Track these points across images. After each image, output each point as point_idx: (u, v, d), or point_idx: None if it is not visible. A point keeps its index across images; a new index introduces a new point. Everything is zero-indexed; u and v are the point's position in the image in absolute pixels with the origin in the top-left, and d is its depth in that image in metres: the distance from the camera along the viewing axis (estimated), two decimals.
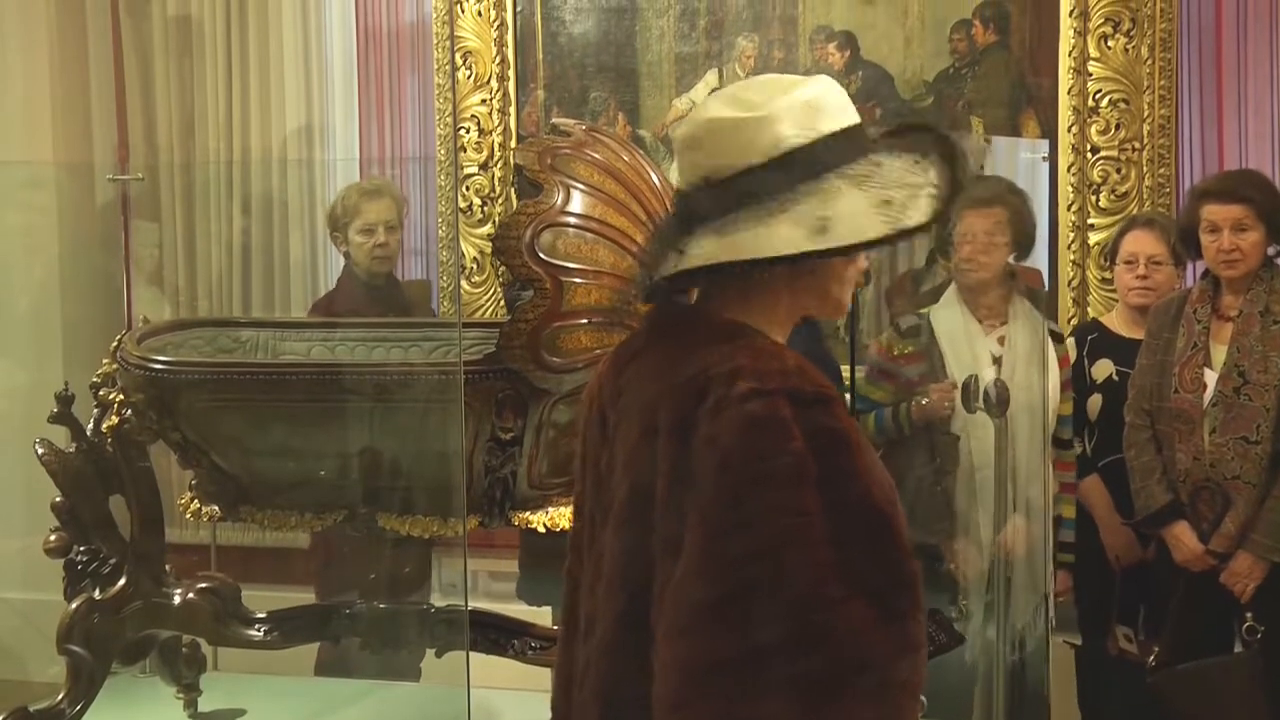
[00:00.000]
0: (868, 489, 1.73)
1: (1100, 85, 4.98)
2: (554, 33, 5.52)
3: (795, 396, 1.74)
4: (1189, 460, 3.98)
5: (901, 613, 1.71)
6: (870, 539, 1.71)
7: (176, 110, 5.90)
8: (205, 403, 3.30)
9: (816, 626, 1.67)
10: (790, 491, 1.70)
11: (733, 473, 1.72)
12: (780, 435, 1.71)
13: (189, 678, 3.74)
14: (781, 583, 1.68)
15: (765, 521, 1.69)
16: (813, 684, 1.67)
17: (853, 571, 1.68)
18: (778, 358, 1.80)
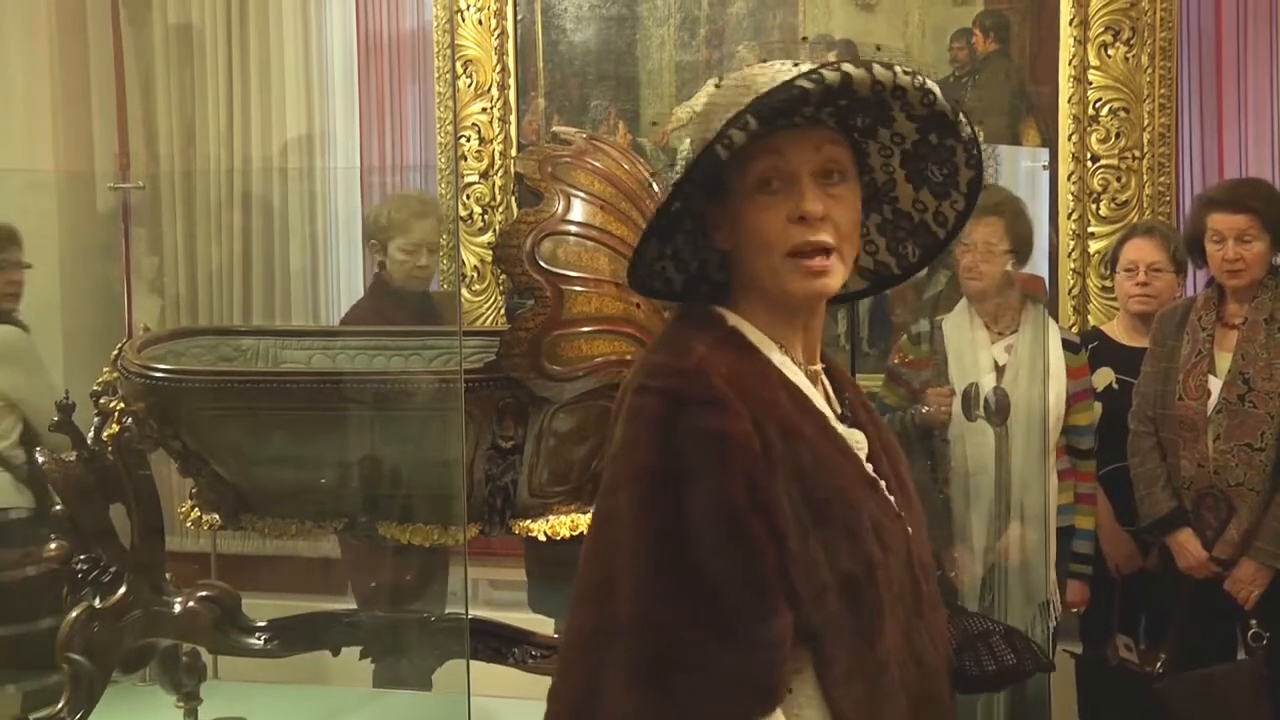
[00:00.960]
0: (726, 492, 1.73)
1: (1100, 94, 4.98)
2: (554, 41, 5.52)
3: (676, 396, 1.76)
4: (1193, 467, 3.98)
5: (745, 613, 1.72)
6: (722, 541, 1.72)
7: (177, 118, 5.91)
8: (206, 411, 3.30)
9: (651, 616, 1.71)
10: (647, 485, 1.75)
11: (613, 465, 1.80)
12: (645, 428, 1.77)
13: (189, 686, 3.74)
14: (629, 572, 1.73)
15: (625, 512, 1.76)
16: (640, 669, 1.71)
17: (698, 569, 1.72)
18: (683, 355, 1.81)
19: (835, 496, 1.80)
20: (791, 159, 1.79)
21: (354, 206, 5.86)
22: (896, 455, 2.00)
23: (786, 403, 1.82)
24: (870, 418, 1.99)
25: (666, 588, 1.72)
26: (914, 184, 1.88)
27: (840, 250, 1.81)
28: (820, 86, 1.71)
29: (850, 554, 1.79)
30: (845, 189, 1.82)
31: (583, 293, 2.93)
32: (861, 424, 1.95)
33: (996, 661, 2.04)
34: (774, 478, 1.75)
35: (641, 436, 1.77)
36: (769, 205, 1.80)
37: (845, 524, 1.80)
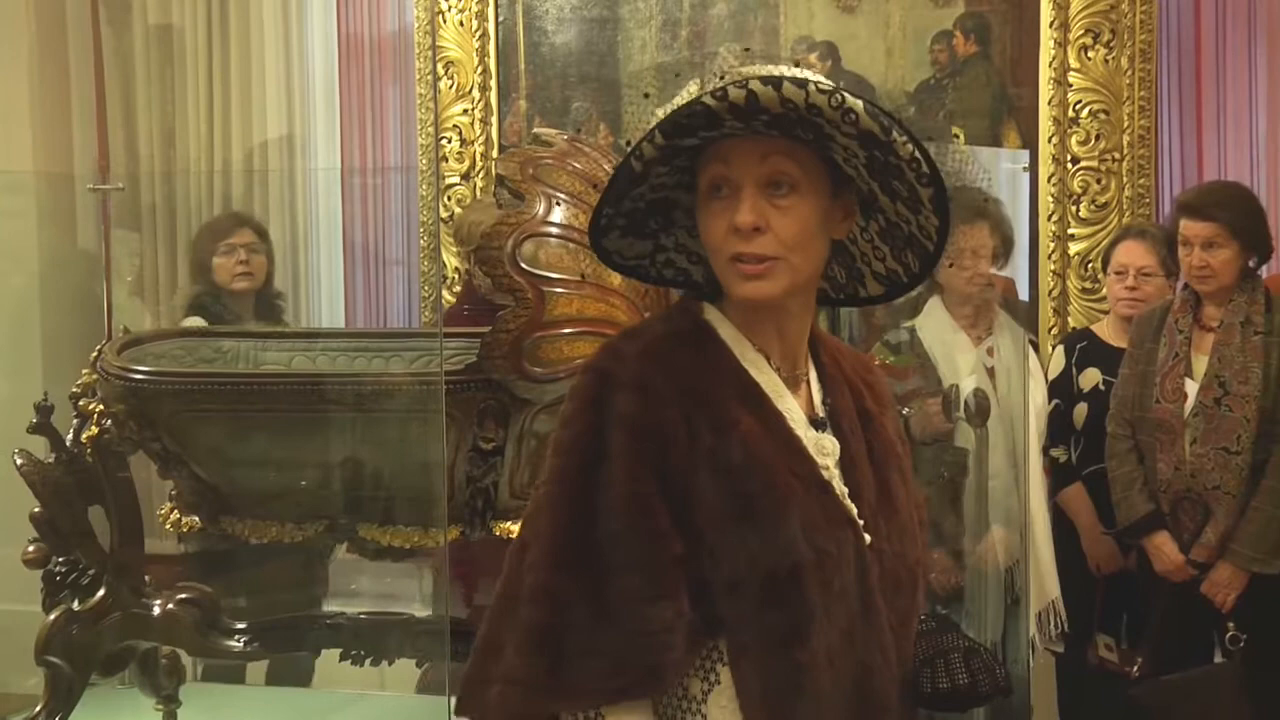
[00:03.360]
0: (634, 477, 1.78)
1: (1080, 96, 5.00)
2: (536, 43, 5.52)
3: (609, 378, 1.82)
4: (1170, 470, 3.99)
5: (631, 597, 1.77)
6: (623, 523, 1.78)
7: (157, 120, 5.90)
8: (186, 413, 3.29)
9: (544, 586, 1.79)
10: (563, 459, 1.83)
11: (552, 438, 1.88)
12: (577, 408, 1.84)
13: (168, 689, 3.72)
14: (535, 541, 1.82)
15: (544, 482, 1.85)
16: (529, 635, 1.79)
17: (595, 547, 1.78)
18: (633, 340, 1.88)
19: (762, 494, 1.80)
20: (735, 168, 1.80)
21: (334, 208, 5.86)
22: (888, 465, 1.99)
23: (732, 399, 1.84)
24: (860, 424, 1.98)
25: (564, 560, 1.79)
26: (889, 196, 1.85)
27: (787, 259, 1.80)
28: (724, 105, 1.71)
29: (772, 552, 1.79)
30: (794, 199, 1.80)
31: (564, 294, 2.93)
32: (843, 430, 1.94)
33: (950, 680, 2.02)
34: (695, 469, 1.79)
35: (572, 414, 1.84)
36: (716, 212, 1.82)
37: (770, 522, 1.80)
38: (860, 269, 1.96)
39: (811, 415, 1.92)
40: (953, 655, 2.04)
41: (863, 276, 1.96)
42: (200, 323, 4.43)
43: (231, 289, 4.57)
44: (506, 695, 1.80)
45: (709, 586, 1.79)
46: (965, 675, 2.03)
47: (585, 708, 1.79)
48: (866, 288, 1.97)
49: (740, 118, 1.73)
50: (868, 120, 1.72)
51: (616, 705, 1.78)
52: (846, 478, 1.91)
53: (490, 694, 1.82)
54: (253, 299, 4.61)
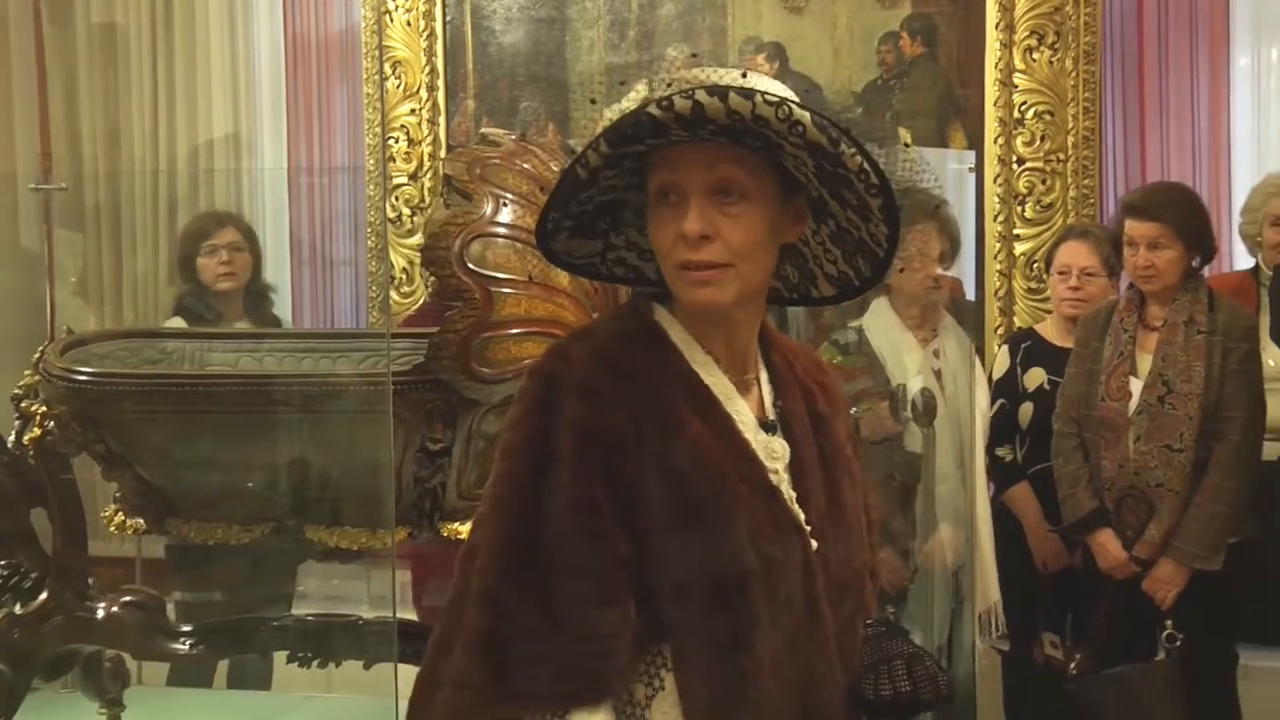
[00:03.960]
0: (582, 480, 1.77)
1: (1026, 97, 5.03)
2: (484, 43, 5.51)
3: (556, 381, 1.80)
4: (1114, 468, 4.02)
5: (575, 599, 1.76)
6: (570, 528, 1.77)
7: (101, 119, 5.85)
8: (131, 414, 3.26)
9: (492, 591, 1.78)
10: (509, 463, 1.82)
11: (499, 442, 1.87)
12: (524, 410, 1.82)
13: (112, 693, 3.69)
14: (484, 545, 1.81)
15: (491, 486, 1.84)
16: (476, 640, 1.78)
17: (542, 552, 1.77)
18: (581, 342, 1.87)
19: (709, 498, 1.80)
20: (684, 175, 1.78)
21: (281, 208, 5.83)
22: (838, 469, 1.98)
23: (681, 401, 1.83)
24: (811, 427, 1.97)
25: (512, 566, 1.78)
26: (839, 203, 1.84)
27: (736, 267, 1.80)
28: (669, 115, 1.70)
29: (718, 557, 1.79)
30: (744, 207, 1.79)
31: (511, 295, 2.92)
32: (794, 434, 1.94)
33: (893, 687, 2.00)
34: (642, 473, 1.78)
35: (520, 417, 1.83)
36: (665, 219, 1.80)
37: (716, 527, 1.80)
38: (812, 270, 1.96)
39: (762, 418, 1.92)
40: (896, 662, 2.02)
41: (815, 277, 1.96)
42: (182, 324, 4.41)
43: (216, 289, 4.56)
44: (453, 700, 1.79)
45: (655, 591, 1.78)
46: (907, 682, 2.01)
47: (532, 714, 1.77)
48: (819, 288, 1.97)
49: (686, 127, 1.72)
50: (815, 133, 1.72)
51: (567, 713, 1.76)
52: (796, 482, 1.91)
53: (438, 698, 1.82)
54: (240, 297, 4.62)
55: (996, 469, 4.43)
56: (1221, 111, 5.17)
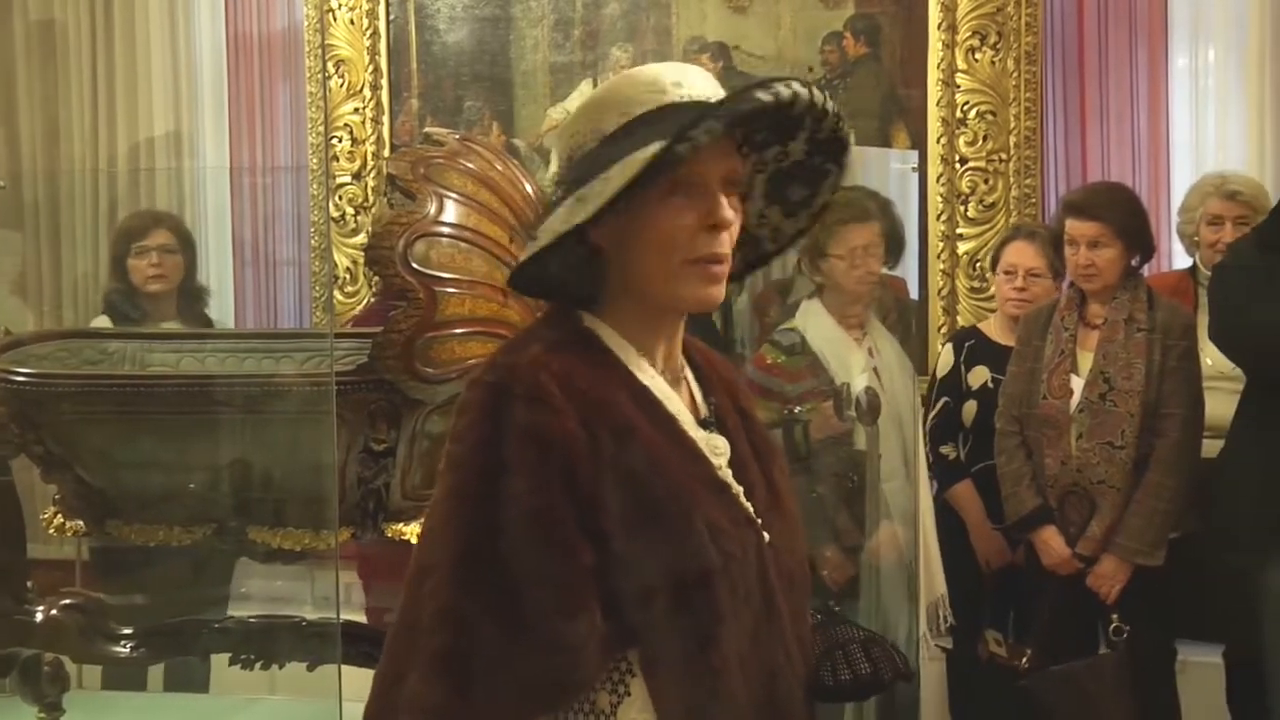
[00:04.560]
0: (540, 489, 1.73)
1: (968, 97, 5.07)
2: (428, 41, 5.50)
3: (503, 389, 1.77)
4: (1057, 465, 4.06)
5: (542, 609, 1.73)
6: (530, 537, 1.73)
7: (40, 117, 5.79)
8: (70, 415, 3.23)
9: (450, 609, 1.73)
10: (460, 476, 1.77)
11: (444, 457, 1.81)
12: (471, 421, 1.77)
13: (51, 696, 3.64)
14: (437, 562, 1.75)
15: (442, 502, 1.79)
16: (438, 663, 1.72)
17: (503, 564, 1.73)
18: (519, 351, 1.82)
19: (668, 499, 1.79)
20: (707, 166, 1.77)
21: (223, 207, 5.79)
22: (771, 462, 2.00)
23: (627, 404, 1.82)
24: (740, 423, 1.98)
25: (471, 580, 1.73)
26: (767, 200, 1.90)
27: (729, 259, 1.83)
28: (775, 101, 1.73)
29: (681, 557, 1.78)
30: (738, 202, 1.83)
31: (455, 294, 2.91)
32: (729, 429, 1.95)
33: (852, 671, 2.02)
34: (600, 478, 1.75)
35: (466, 429, 1.78)
36: (682, 208, 1.78)
37: (677, 527, 1.79)
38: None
39: (698, 416, 1.92)
40: (852, 646, 2.05)
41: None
42: (108, 323, 4.36)
43: (146, 290, 4.52)
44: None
45: (620, 597, 1.76)
46: (867, 664, 2.04)
47: None
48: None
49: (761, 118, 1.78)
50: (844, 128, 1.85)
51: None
52: (739, 476, 1.91)
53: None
54: (173, 298, 4.56)
55: (940, 467, 4.46)
56: (1160, 112, 5.22)
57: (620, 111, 1.81)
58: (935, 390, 4.53)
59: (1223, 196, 4.43)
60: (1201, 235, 4.48)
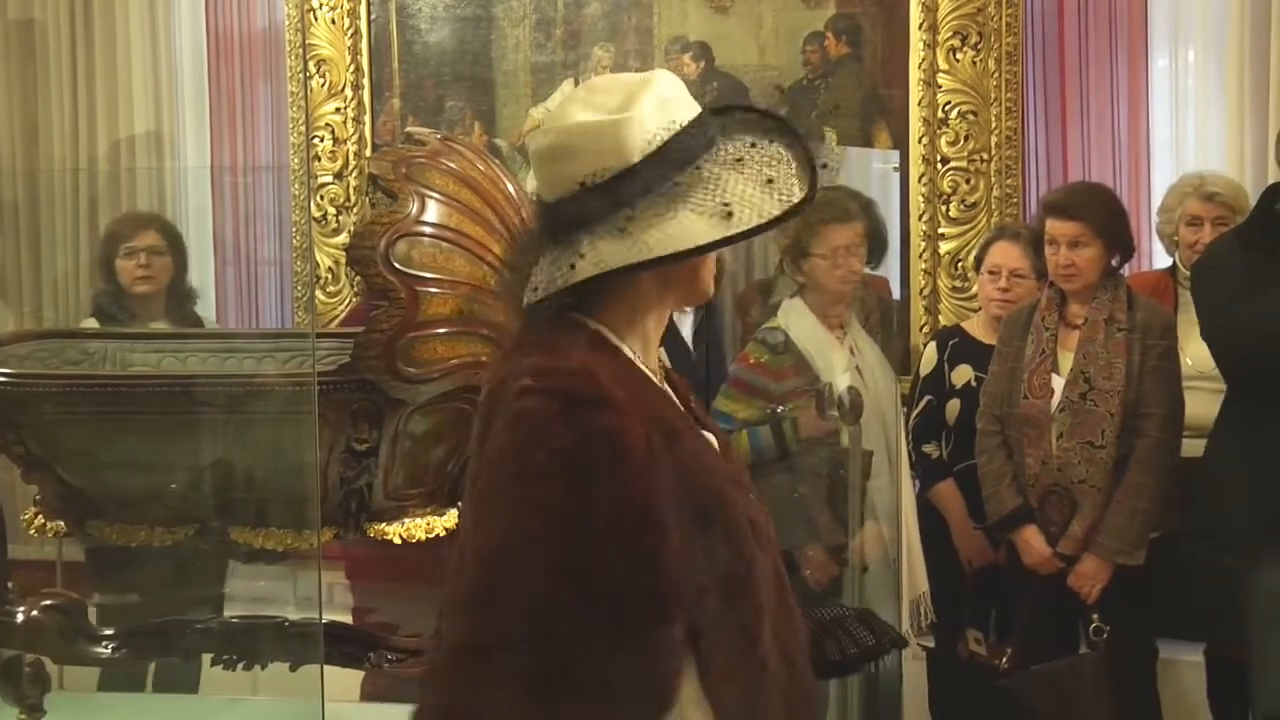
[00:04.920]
0: (629, 494, 1.73)
1: (949, 97, 5.08)
2: (409, 41, 5.49)
3: (568, 396, 1.75)
4: (1038, 465, 4.06)
5: (641, 620, 1.73)
6: (620, 543, 1.72)
7: (19, 116, 5.77)
8: (51, 416, 3.22)
9: (543, 626, 1.69)
10: (537, 487, 1.72)
11: (494, 469, 1.76)
12: (541, 432, 1.74)
13: (33, 698, 3.63)
14: (517, 579, 1.71)
15: (513, 517, 1.73)
16: (532, 683, 1.68)
17: (591, 573, 1.70)
18: (565, 356, 1.80)
19: (715, 498, 1.81)
20: None
21: (204, 207, 5.77)
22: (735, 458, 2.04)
23: (665, 407, 1.84)
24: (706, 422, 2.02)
25: (562, 595, 1.69)
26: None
27: None
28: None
29: (730, 554, 1.80)
30: None
31: (438, 294, 2.91)
32: (709, 428, 1.98)
33: (857, 644, 2.09)
34: (663, 480, 1.76)
35: (532, 438, 1.74)
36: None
37: (725, 525, 1.81)
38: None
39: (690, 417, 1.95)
40: (849, 623, 2.11)
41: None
42: (97, 325, 4.33)
43: (133, 292, 4.47)
44: None
45: (682, 598, 1.77)
46: (870, 636, 2.09)
47: None
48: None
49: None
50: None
51: None
52: None
53: None
54: (161, 300, 4.52)
55: (923, 465, 4.46)
56: (1140, 112, 5.24)
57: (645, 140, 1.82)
58: (919, 389, 4.54)
59: (1201, 198, 4.45)
60: (1180, 235, 4.50)
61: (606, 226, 1.80)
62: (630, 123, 1.82)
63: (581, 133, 1.83)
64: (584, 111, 1.84)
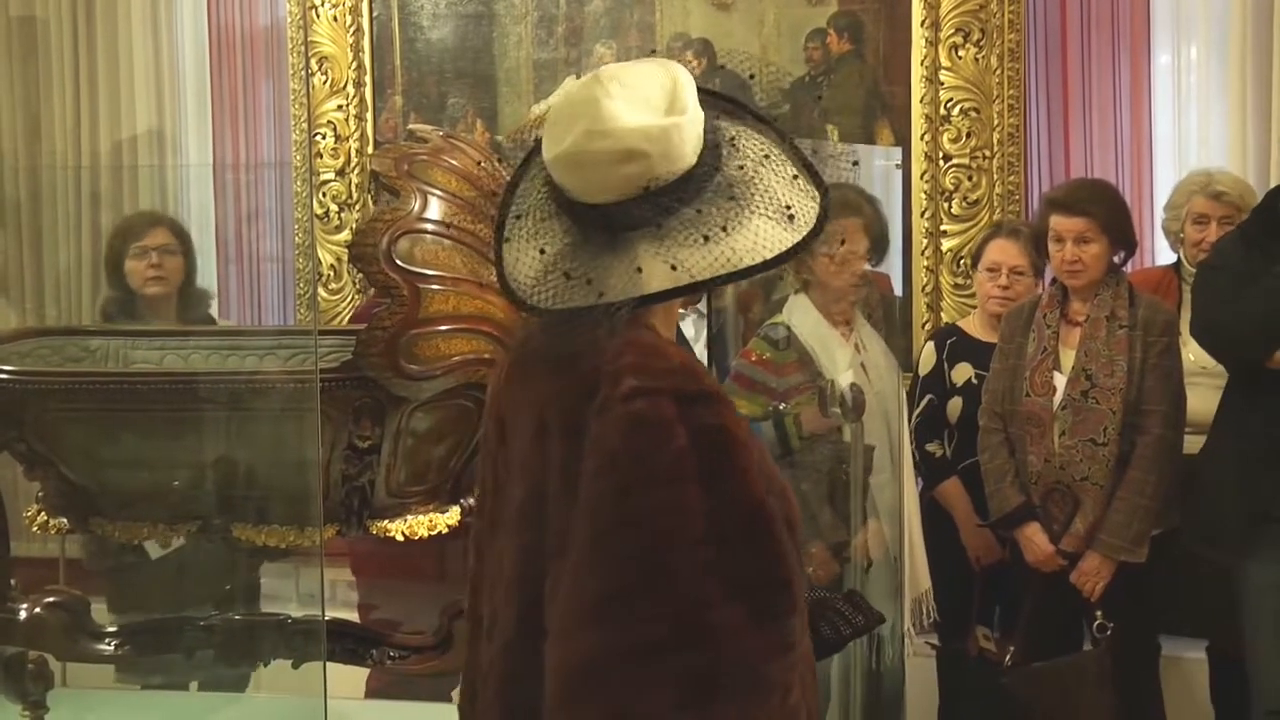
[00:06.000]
0: (747, 487, 1.74)
1: (951, 94, 5.07)
2: (411, 38, 5.49)
3: (679, 395, 1.75)
4: (1040, 462, 4.06)
5: (777, 612, 1.73)
6: (749, 537, 1.73)
7: (21, 113, 5.77)
8: (53, 413, 3.22)
9: (696, 625, 1.69)
10: (672, 489, 1.71)
11: (618, 472, 1.73)
12: (663, 433, 1.72)
13: (35, 695, 3.63)
14: (663, 581, 1.70)
15: (649, 519, 1.71)
16: (691, 682, 1.68)
17: (731, 570, 1.70)
18: (664, 355, 1.80)
19: (781, 495, 1.83)
20: None
21: (206, 204, 5.78)
22: None
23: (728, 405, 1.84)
24: None
25: (710, 592, 1.70)
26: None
27: None
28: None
29: (796, 549, 1.83)
30: None
31: (440, 291, 2.90)
32: None
33: (850, 625, 2.12)
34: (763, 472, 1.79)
35: (654, 440, 1.73)
36: None
37: (791, 520, 1.83)
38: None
39: None
40: (838, 604, 2.14)
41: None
42: None
43: (144, 294, 4.33)
44: None
45: None
46: (860, 616, 2.12)
47: None
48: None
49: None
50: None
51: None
52: None
53: None
54: (173, 302, 4.38)
55: (926, 464, 4.46)
56: (1143, 109, 5.24)
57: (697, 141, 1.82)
58: (919, 388, 4.53)
59: (1208, 196, 4.44)
60: (1186, 233, 4.50)
61: (686, 232, 1.79)
62: (690, 125, 1.82)
63: (645, 136, 1.79)
64: (637, 112, 1.81)
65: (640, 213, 1.80)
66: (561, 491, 1.79)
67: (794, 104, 5.12)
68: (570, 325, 1.84)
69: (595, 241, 1.83)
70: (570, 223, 1.86)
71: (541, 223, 1.90)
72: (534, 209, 1.92)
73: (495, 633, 1.92)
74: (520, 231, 1.91)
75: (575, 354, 1.82)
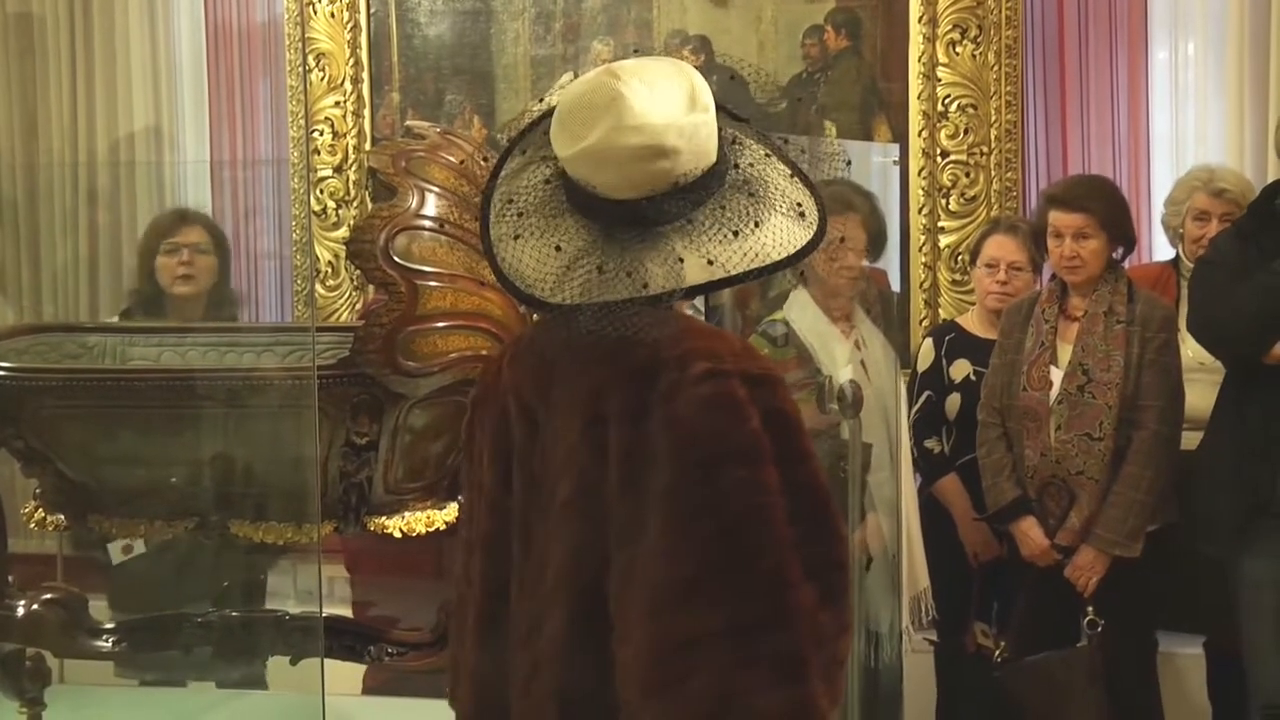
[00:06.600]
0: (814, 470, 1.78)
1: (949, 90, 5.08)
2: (409, 35, 5.49)
3: (747, 377, 1.77)
4: (1037, 457, 4.07)
5: (839, 592, 1.77)
6: (816, 519, 1.76)
7: (18, 110, 5.76)
8: (50, 410, 3.22)
9: (784, 604, 1.72)
10: (752, 469, 1.74)
11: (696, 452, 1.75)
12: (738, 414, 1.75)
13: (33, 691, 3.63)
14: (750, 561, 1.72)
15: (730, 500, 1.73)
16: (783, 661, 1.71)
17: (804, 550, 1.74)
18: (725, 339, 1.84)
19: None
20: None
21: (204, 201, 5.77)
22: None
23: None
24: None
25: (794, 571, 1.73)
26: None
27: None
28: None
29: None
30: None
31: (437, 288, 2.91)
32: None
33: None
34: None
35: (730, 419, 1.76)
36: None
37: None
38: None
39: None
40: None
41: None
42: None
43: (172, 292, 4.25)
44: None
45: None
46: None
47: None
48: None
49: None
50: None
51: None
52: None
53: None
54: (201, 303, 4.29)
55: (925, 461, 4.46)
56: (1140, 105, 5.24)
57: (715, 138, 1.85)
58: (917, 385, 4.53)
59: (1210, 193, 4.44)
60: (1186, 229, 4.49)
61: (715, 227, 1.81)
62: (713, 120, 1.85)
63: (678, 133, 1.80)
64: (663, 108, 1.82)
65: (671, 207, 1.81)
66: (624, 480, 1.79)
67: (791, 101, 5.12)
68: (611, 318, 1.82)
69: (621, 237, 1.83)
70: (585, 219, 1.86)
71: (551, 219, 1.89)
72: (540, 206, 1.90)
73: (539, 633, 1.89)
74: (526, 229, 1.89)
75: (626, 344, 1.80)
